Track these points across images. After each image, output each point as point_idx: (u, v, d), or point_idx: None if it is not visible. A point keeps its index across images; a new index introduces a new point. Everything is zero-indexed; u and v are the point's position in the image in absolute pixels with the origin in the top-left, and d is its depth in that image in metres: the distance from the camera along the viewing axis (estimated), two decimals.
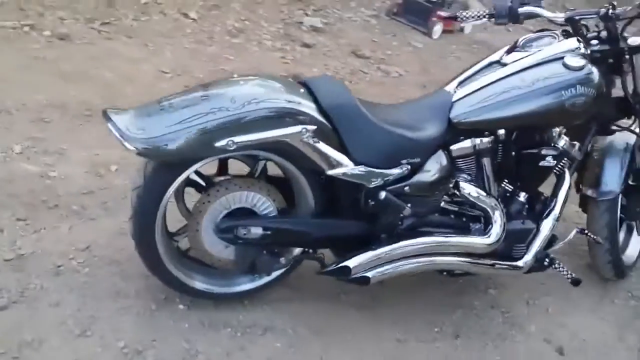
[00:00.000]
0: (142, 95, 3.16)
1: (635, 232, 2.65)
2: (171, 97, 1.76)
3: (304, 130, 1.72)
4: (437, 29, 5.72)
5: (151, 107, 1.73)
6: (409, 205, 1.93)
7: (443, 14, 5.65)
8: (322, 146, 1.76)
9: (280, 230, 1.91)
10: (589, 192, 2.37)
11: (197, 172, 1.86)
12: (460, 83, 2.11)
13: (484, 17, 2.23)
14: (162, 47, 3.93)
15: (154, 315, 1.94)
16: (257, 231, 1.87)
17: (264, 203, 1.91)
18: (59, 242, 2.14)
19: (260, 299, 2.09)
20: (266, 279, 2.04)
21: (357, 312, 2.15)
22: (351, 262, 1.90)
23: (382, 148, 1.87)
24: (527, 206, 2.18)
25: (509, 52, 2.14)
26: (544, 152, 2.06)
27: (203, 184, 1.91)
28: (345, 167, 1.82)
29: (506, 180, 2.15)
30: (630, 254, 2.59)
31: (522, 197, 2.16)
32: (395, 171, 1.89)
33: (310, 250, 2.03)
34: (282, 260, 1.98)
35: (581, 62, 1.99)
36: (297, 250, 2.03)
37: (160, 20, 4.34)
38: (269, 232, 1.88)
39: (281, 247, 1.98)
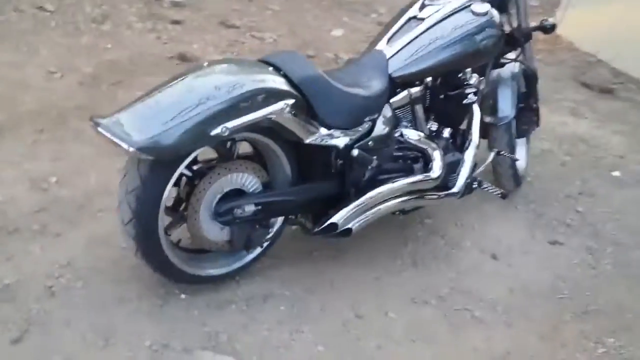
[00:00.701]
0: (43, 99, 3.07)
1: (522, 146, 3.14)
2: (152, 94, 1.81)
3: (285, 105, 1.88)
4: None
5: (138, 107, 1.78)
6: (374, 157, 2.19)
7: None
8: (300, 118, 1.94)
9: (270, 203, 2.07)
10: (488, 119, 2.79)
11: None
12: (389, 40, 2.37)
13: None
14: (35, 46, 3.73)
15: (163, 310, 2.03)
16: (250, 208, 2.03)
17: (250, 181, 2.05)
18: (38, 264, 2.12)
19: (250, 273, 2.24)
20: (255, 253, 2.20)
21: (333, 262, 2.40)
22: (335, 218, 2.14)
23: (348, 110, 2.09)
24: (452, 141, 2.55)
25: (421, 8, 2.44)
26: (466, 91, 2.41)
27: (190, 174, 1.99)
28: (320, 133, 2.02)
29: (432, 121, 2.49)
30: (521, 165, 3.09)
31: (448, 133, 2.52)
32: (360, 129, 2.14)
33: (292, 217, 2.23)
34: (271, 230, 2.16)
35: (486, 7, 2.37)
36: (280, 219, 2.21)
37: (18, 18, 4.07)
38: (260, 207, 2.05)
39: (270, 218, 2.14)
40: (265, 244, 2.20)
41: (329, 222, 2.13)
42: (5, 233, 2.22)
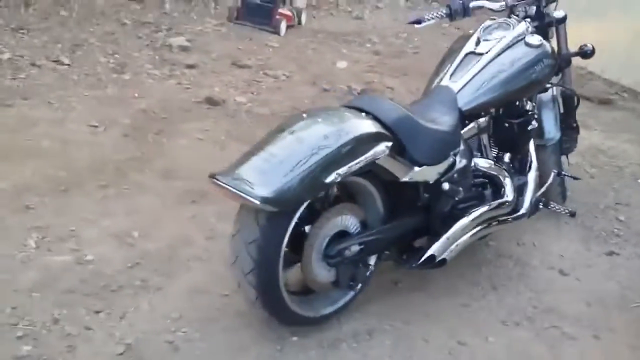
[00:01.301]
0: (95, 154, 3.10)
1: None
2: (264, 147, 1.89)
3: (385, 147, 1.97)
4: (283, 25, 6.04)
5: (255, 161, 1.86)
6: (460, 189, 2.29)
7: (284, 11, 6.02)
8: (396, 158, 2.04)
9: (370, 242, 2.15)
10: (537, 142, 2.92)
11: None
12: (451, 76, 2.48)
13: (443, 16, 2.64)
14: (66, 100, 3.73)
15: (284, 353, 2.07)
16: (355, 248, 2.10)
17: (352, 222, 2.13)
18: (151, 320, 2.13)
19: (348, 311, 2.28)
20: (356, 291, 2.25)
21: (419, 293, 2.48)
22: (432, 251, 2.23)
23: (435, 147, 2.19)
24: (512, 165, 2.67)
25: (477, 43, 2.57)
26: (528, 118, 2.54)
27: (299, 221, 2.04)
28: (413, 171, 2.11)
29: (497, 149, 2.61)
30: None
31: (508, 158, 2.64)
32: (446, 164, 2.24)
33: (386, 252, 2.30)
34: (371, 267, 2.22)
35: (538, 39, 2.51)
36: (374, 257, 2.28)
37: (39, 73, 4.07)
38: (363, 247, 2.12)
39: (369, 255, 2.21)
40: (365, 282, 2.24)
41: (427, 254, 2.21)
42: (109, 291, 2.22)
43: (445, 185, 2.23)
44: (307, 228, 2.03)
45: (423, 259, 2.22)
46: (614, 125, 4.65)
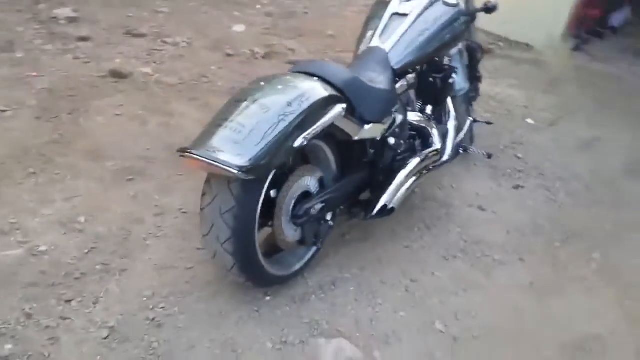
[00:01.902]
0: (11, 140, 2.96)
1: None
2: (230, 118, 1.92)
3: (342, 109, 2.10)
4: None
5: (225, 133, 1.89)
6: (401, 142, 2.49)
7: None
8: (349, 118, 2.18)
9: (330, 199, 2.29)
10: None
11: None
12: (381, 36, 2.64)
13: None
14: None
15: (262, 314, 2.19)
16: (318, 206, 2.24)
17: (313, 183, 2.26)
18: (126, 301, 2.15)
19: (309, 267, 2.44)
20: (316, 248, 2.40)
21: (366, 243, 2.68)
22: (384, 201, 2.43)
23: (379, 105, 2.35)
24: (434, 116, 2.92)
25: (399, 4, 2.74)
26: (448, 71, 2.78)
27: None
28: (363, 129, 2.27)
29: (421, 101, 2.84)
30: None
31: (430, 110, 2.88)
32: (389, 120, 2.42)
33: (340, 208, 2.46)
34: (330, 223, 2.38)
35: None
36: (331, 214, 2.44)
37: None
38: (324, 204, 2.27)
39: (328, 212, 2.36)
40: (325, 238, 2.40)
41: (380, 205, 2.40)
42: (73, 279, 2.19)
43: (391, 140, 2.41)
44: (272, 193, 2.11)
45: (377, 209, 2.41)
46: (497, 72, 5.08)
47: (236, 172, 1.81)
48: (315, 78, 2.14)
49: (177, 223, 2.60)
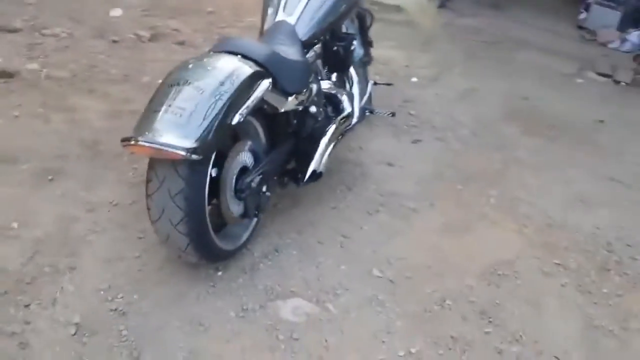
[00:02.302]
0: None
1: None
2: (165, 102, 2.00)
3: (268, 83, 2.24)
4: None
5: (166, 117, 1.97)
6: (320, 110, 2.70)
7: None
8: (274, 91, 2.32)
9: (266, 171, 2.45)
10: None
11: None
12: (284, 10, 2.77)
13: None
14: None
15: (218, 288, 2.33)
16: (257, 179, 2.39)
17: (249, 157, 2.39)
18: (84, 297, 2.20)
19: (250, 241, 2.59)
20: (256, 219, 2.56)
21: (298, 208, 2.87)
22: (313, 166, 2.63)
23: (298, 76, 2.50)
24: (344, 82, 3.15)
25: None
26: (350, 39, 2.99)
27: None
28: (287, 101, 2.43)
29: (326, 70, 3.05)
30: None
31: (336, 77, 3.11)
32: (309, 90, 2.61)
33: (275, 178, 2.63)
34: (267, 194, 2.55)
35: None
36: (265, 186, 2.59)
37: None
38: (261, 176, 2.42)
39: (265, 184, 2.51)
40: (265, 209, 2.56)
41: (310, 171, 2.60)
42: (25, 284, 2.20)
43: (312, 109, 2.60)
44: (213, 172, 2.22)
45: (308, 175, 2.61)
46: (376, 35, 5.37)
47: (184, 153, 1.91)
48: (239, 56, 2.24)
49: (112, 216, 2.64)
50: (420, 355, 2.15)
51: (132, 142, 1.95)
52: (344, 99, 2.95)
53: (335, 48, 2.93)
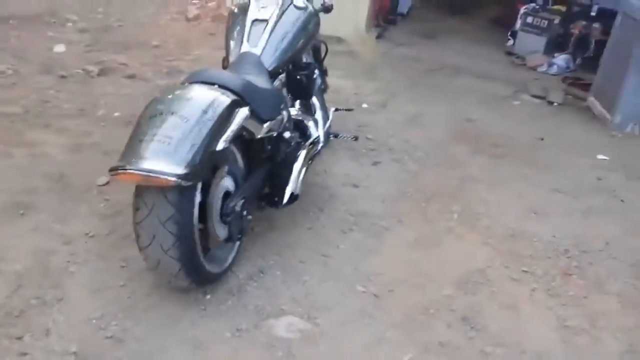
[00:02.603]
0: None
1: None
2: (150, 132, 2.03)
3: (247, 111, 2.31)
4: None
5: (153, 146, 2.00)
6: (293, 135, 2.79)
7: None
8: (252, 118, 2.39)
9: (247, 196, 2.51)
10: None
11: None
12: (248, 41, 2.85)
13: None
14: None
15: (209, 310, 2.35)
16: (240, 203, 2.45)
17: (229, 183, 2.44)
18: (76, 326, 2.17)
19: (234, 264, 2.64)
20: (239, 242, 2.60)
21: (274, 231, 2.93)
22: (290, 189, 2.71)
23: (271, 104, 2.59)
24: (308, 109, 3.27)
25: (256, 10, 2.98)
26: (311, 68, 3.12)
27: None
28: (263, 127, 2.51)
29: (291, 98, 3.15)
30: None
31: (299, 104, 3.22)
32: (281, 117, 2.70)
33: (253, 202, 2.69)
34: (249, 218, 2.60)
35: (303, 2, 3.07)
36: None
37: None
38: (243, 201, 2.48)
39: (247, 208, 2.56)
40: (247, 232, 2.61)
41: (288, 194, 2.68)
42: (14, 317, 2.14)
43: (286, 134, 2.69)
44: (197, 197, 2.25)
45: (286, 198, 2.68)
46: None
47: (175, 179, 1.95)
48: (215, 85, 2.29)
49: (90, 247, 2.61)
50: None
51: (121, 171, 1.97)
52: (311, 124, 3.06)
53: (298, 77, 3.04)
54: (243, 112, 2.26)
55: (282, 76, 2.95)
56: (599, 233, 3.30)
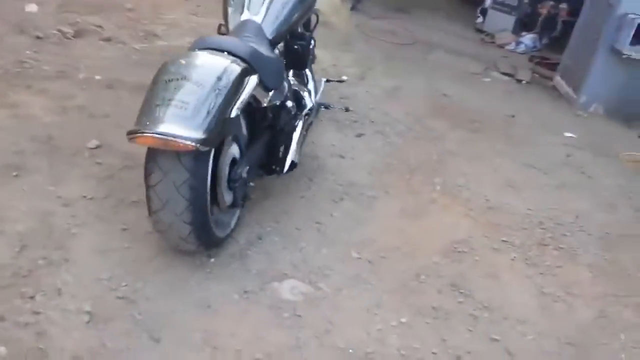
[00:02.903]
0: None
1: None
2: (166, 97, 2.08)
3: (256, 78, 2.36)
4: None
5: (170, 111, 2.04)
6: (294, 104, 2.85)
7: None
8: (260, 86, 2.44)
9: (252, 162, 2.58)
10: None
11: None
12: (250, 11, 2.85)
13: None
14: None
15: (215, 273, 2.42)
16: (246, 169, 2.51)
17: (235, 149, 2.49)
18: (88, 286, 2.19)
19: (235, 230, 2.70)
20: (240, 208, 2.67)
21: (269, 200, 2.99)
22: (290, 158, 2.78)
23: (276, 73, 2.64)
24: (301, 79, 3.32)
25: None
26: (308, 38, 3.15)
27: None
28: (269, 96, 2.56)
29: (288, 68, 3.19)
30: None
31: (297, 74, 3.27)
32: (284, 86, 2.75)
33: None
34: (251, 184, 2.66)
35: None
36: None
37: None
38: (248, 167, 2.54)
39: (250, 175, 2.62)
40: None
41: (288, 162, 2.75)
42: (21, 277, 2.17)
43: (289, 103, 2.74)
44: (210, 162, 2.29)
45: (287, 166, 2.74)
46: None
47: (194, 144, 2.01)
48: (225, 53, 2.32)
49: (89, 210, 2.62)
50: (410, 324, 2.37)
51: (139, 134, 2.00)
52: (306, 95, 3.12)
53: (295, 47, 3.07)
54: (253, 80, 2.30)
55: (281, 46, 2.97)
56: (569, 207, 3.49)
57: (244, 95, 2.25)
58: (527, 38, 6.36)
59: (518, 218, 3.28)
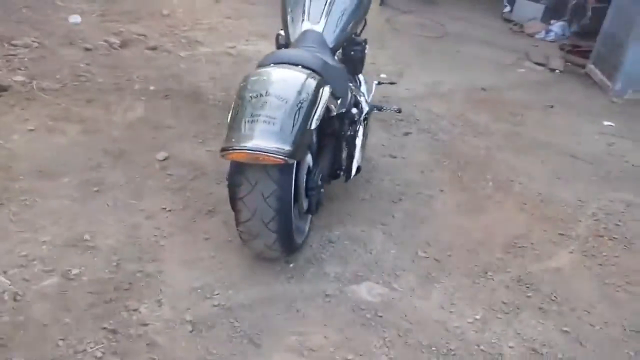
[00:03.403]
0: None
1: None
2: (253, 113, 2.21)
3: (329, 90, 2.46)
4: None
5: (258, 127, 2.17)
6: (357, 111, 2.96)
7: None
8: (331, 96, 2.53)
9: (324, 170, 2.71)
10: None
11: None
12: (310, 20, 2.95)
13: None
14: None
15: (296, 279, 2.56)
16: (320, 176, 2.64)
17: (309, 158, 2.62)
18: (184, 297, 2.34)
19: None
20: (312, 215, 2.80)
21: (332, 203, 3.11)
22: (356, 163, 2.90)
23: (343, 81, 2.75)
24: (355, 83, 3.42)
25: None
26: (363, 44, 3.26)
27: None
28: (338, 104, 2.66)
29: None
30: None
31: (352, 79, 3.37)
32: (349, 94, 2.87)
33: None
34: (322, 190, 2.79)
35: None
36: None
37: None
38: (322, 175, 2.68)
39: (322, 181, 2.74)
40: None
41: (355, 167, 2.87)
42: (123, 290, 2.33)
43: (354, 110, 2.86)
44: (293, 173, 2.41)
45: (354, 171, 2.87)
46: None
47: (284, 157, 2.14)
48: (299, 66, 2.44)
49: (170, 221, 2.77)
50: (485, 320, 2.49)
51: (231, 151, 2.14)
52: (362, 100, 3.22)
53: (352, 52, 3.18)
54: (327, 91, 2.42)
55: (339, 52, 3.08)
56: (618, 197, 3.59)
57: (321, 107, 2.37)
58: (557, 26, 6.41)
59: (571, 210, 3.39)
